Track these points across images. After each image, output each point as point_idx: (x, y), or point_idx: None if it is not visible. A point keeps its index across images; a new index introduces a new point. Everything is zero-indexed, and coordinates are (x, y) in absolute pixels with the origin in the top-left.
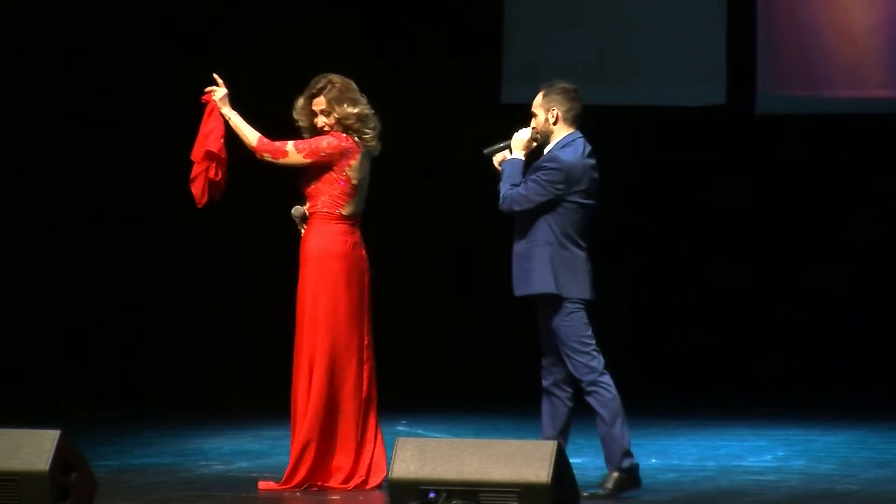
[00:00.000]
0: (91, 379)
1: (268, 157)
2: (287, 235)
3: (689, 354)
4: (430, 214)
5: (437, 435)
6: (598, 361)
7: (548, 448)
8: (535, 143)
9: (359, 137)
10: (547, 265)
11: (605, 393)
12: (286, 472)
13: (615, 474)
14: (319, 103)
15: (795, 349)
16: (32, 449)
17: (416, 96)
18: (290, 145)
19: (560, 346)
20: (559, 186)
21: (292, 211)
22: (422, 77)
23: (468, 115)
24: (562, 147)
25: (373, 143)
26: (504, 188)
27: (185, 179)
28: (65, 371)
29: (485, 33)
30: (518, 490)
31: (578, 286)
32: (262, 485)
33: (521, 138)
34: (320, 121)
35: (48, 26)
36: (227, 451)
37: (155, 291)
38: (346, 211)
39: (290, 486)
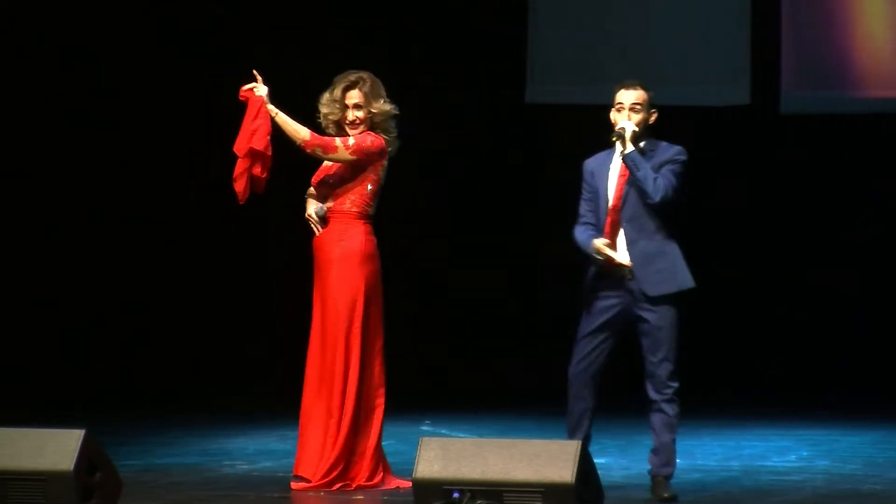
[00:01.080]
0: (115, 379)
1: (319, 151)
2: (292, 234)
3: (712, 354)
4: (453, 213)
5: (461, 435)
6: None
7: (572, 448)
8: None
9: (386, 136)
10: (682, 259)
11: (677, 402)
12: (323, 469)
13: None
14: (354, 96)
15: (818, 349)
16: (57, 448)
17: (440, 98)
18: (338, 141)
19: (658, 346)
20: (684, 177)
21: (315, 210)
22: (444, 77)
23: (492, 115)
24: (657, 144)
25: (395, 143)
26: (654, 177)
27: (185, 179)
28: (90, 370)
29: (509, 33)
30: (542, 490)
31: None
32: (294, 485)
33: (632, 130)
34: (352, 114)
35: (48, 26)
36: (252, 450)
37: (165, 288)
38: (372, 211)
39: (326, 482)
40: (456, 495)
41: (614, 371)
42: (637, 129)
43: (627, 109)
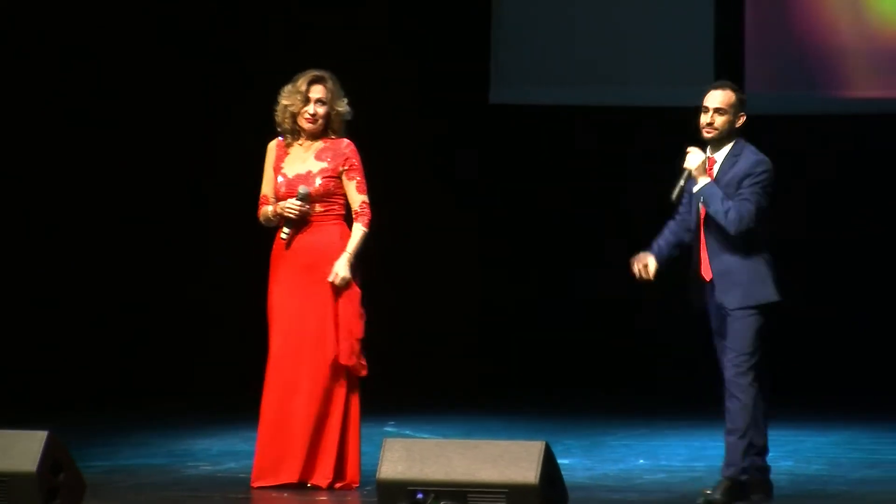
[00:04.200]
0: (80, 380)
1: (369, 222)
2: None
3: (675, 355)
4: (414, 215)
5: (425, 436)
6: (752, 367)
7: (536, 449)
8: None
9: (337, 137)
10: (766, 273)
11: (746, 399)
12: (331, 469)
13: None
14: (318, 91)
15: (784, 349)
16: (21, 449)
17: (402, 96)
18: (365, 199)
19: (729, 339)
20: (771, 188)
21: (301, 192)
22: (409, 77)
23: (456, 116)
24: (742, 150)
25: None
26: (727, 208)
27: (183, 180)
28: (54, 372)
29: (473, 34)
30: (506, 491)
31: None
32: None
33: (698, 163)
34: (313, 108)
35: (48, 26)
36: (216, 451)
37: (152, 291)
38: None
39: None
40: (420, 496)
41: (583, 372)
42: (706, 156)
43: (711, 112)
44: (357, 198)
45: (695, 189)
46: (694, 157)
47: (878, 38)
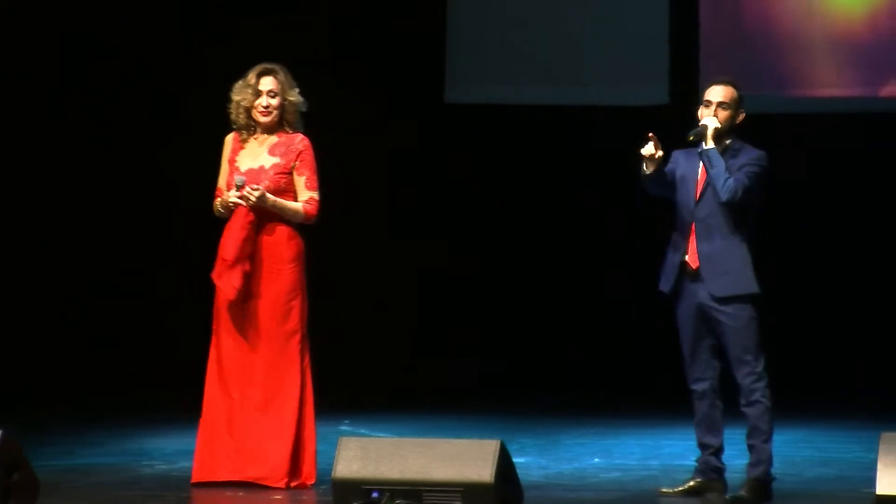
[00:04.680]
0: (34, 378)
1: (313, 216)
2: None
3: (633, 354)
4: (373, 215)
5: (381, 434)
6: (763, 366)
7: (491, 447)
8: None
9: (292, 130)
10: (750, 263)
11: (767, 402)
12: (285, 469)
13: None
14: (268, 83)
15: None
16: None
17: (357, 97)
18: (314, 196)
19: (734, 348)
20: (766, 181)
21: (235, 178)
22: (363, 77)
23: (411, 115)
24: (743, 146)
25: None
26: (726, 176)
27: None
28: (7, 370)
29: (428, 33)
30: (461, 489)
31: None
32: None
33: (714, 127)
34: (265, 100)
35: (48, 25)
36: (170, 450)
37: (105, 290)
38: None
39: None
40: (375, 495)
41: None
42: (720, 125)
43: (715, 106)
44: (305, 193)
45: (705, 148)
46: (712, 121)
47: (835, 33)
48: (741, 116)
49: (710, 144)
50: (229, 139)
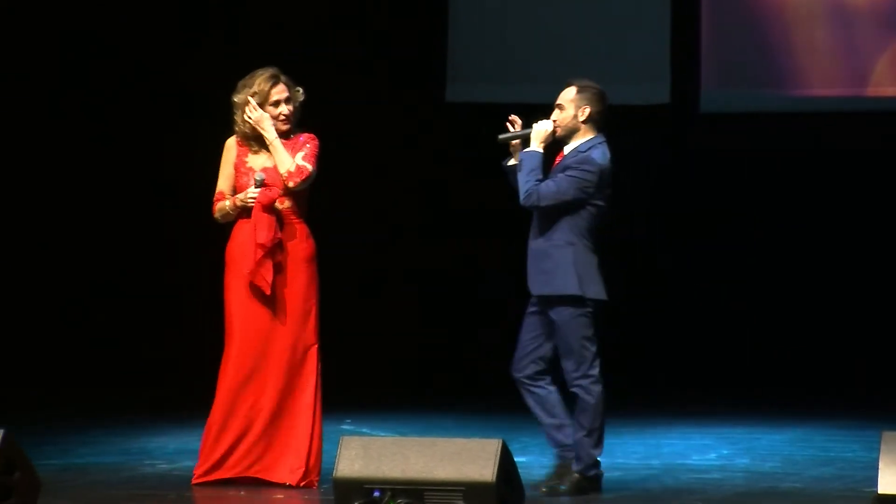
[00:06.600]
0: (35, 377)
1: (302, 183)
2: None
3: (632, 352)
4: (373, 215)
5: (382, 434)
6: (594, 367)
7: (493, 447)
8: (552, 138)
9: (295, 134)
10: (570, 266)
11: (590, 399)
12: (302, 469)
13: (577, 476)
14: (282, 90)
15: (740, 347)
16: None
17: (357, 96)
18: (307, 166)
19: (560, 343)
20: (589, 189)
21: (256, 176)
22: (363, 76)
23: (411, 115)
24: (589, 148)
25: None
26: (527, 181)
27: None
28: (7, 369)
29: (429, 32)
30: (463, 489)
31: (597, 287)
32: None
33: (543, 130)
34: (285, 109)
35: (48, 26)
36: (172, 449)
37: (106, 290)
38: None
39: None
40: (376, 494)
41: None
42: (552, 128)
43: (555, 107)
44: (301, 161)
45: (524, 150)
46: (541, 124)
47: (835, 33)
48: (585, 111)
49: (533, 146)
50: (231, 143)
